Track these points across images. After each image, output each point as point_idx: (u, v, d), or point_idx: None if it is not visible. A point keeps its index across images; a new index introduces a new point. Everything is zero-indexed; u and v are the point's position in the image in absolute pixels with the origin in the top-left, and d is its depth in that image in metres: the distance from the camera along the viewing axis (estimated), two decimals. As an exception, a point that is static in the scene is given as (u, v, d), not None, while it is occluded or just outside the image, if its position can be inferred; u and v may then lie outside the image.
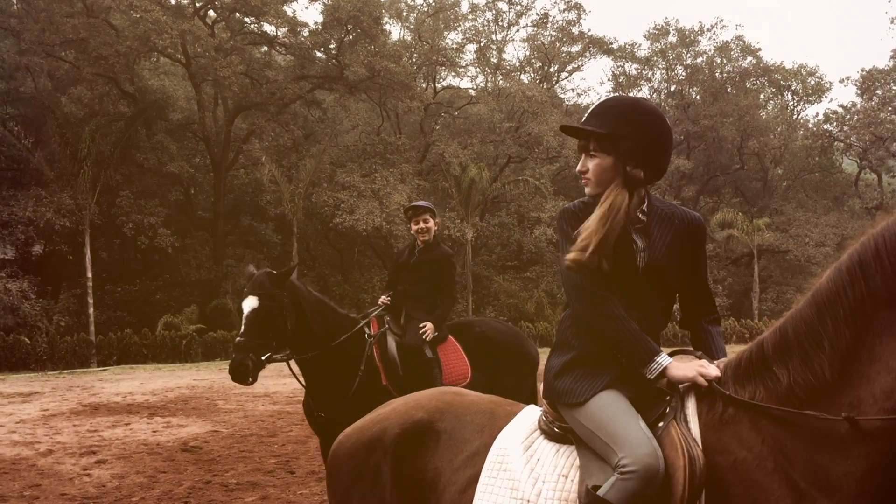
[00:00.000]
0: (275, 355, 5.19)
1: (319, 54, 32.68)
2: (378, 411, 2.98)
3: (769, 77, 42.08)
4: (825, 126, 40.96)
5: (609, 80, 44.40)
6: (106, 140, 27.08)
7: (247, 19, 31.70)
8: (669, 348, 2.49)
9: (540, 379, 3.08)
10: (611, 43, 40.99)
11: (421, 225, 5.81)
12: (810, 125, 43.20)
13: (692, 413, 2.31)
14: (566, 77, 43.99)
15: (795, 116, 44.07)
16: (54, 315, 25.89)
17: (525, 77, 41.28)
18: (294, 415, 11.64)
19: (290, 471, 7.92)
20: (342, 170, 31.35)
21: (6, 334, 23.44)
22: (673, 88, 42.51)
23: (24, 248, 29.17)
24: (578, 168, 2.55)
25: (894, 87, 39.52)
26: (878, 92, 39.95)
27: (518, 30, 44.18)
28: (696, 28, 41.62)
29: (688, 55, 41.71)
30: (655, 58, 42.41)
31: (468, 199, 31.34)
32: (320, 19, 32.60)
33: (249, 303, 5.08)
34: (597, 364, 2.44)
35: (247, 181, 34.21)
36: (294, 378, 5.61)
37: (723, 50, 41.12)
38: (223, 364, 21.38)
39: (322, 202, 30.04)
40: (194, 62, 29.27)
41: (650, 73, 43.17)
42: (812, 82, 42.07)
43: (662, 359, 2.35)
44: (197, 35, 27.92)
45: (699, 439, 2.23)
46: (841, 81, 60.11)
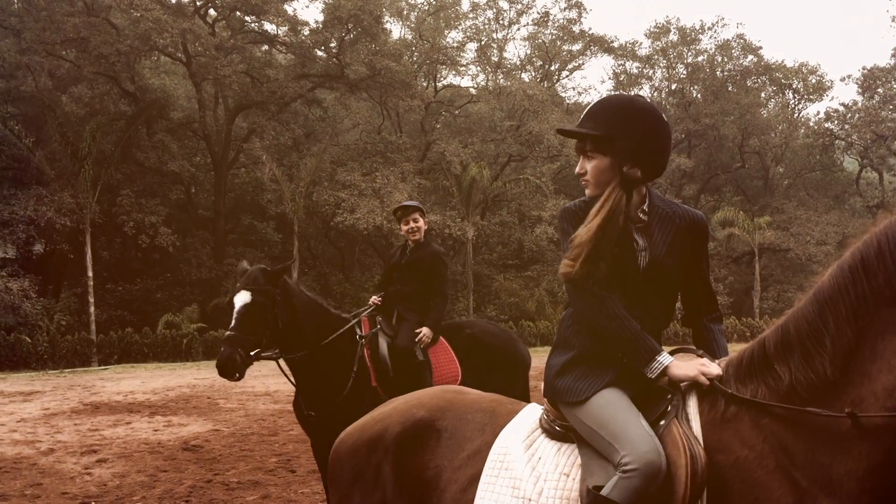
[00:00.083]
0: (263, 352, 5.13)
1: (320, 53, 32.66)
2: (379, 410, 2.98)
3: (770, 75, 42.01)
4: (826, 124, 40.91)
5: (610, 79, 44.46)
6: (107, 139, 27.05)
7: (247, 18, 31.70)
8: (671, 346, 2.49)
9: (539, 379, 3.07)
10: (612, 41, 40.97)
11: (411, 225, 5.79)
12: (811, 123, 43.17)
13: (693, 411, 2.30)
14: (567, 76, 44.02)
15: (796, 115, 44.02)
16: (55, 314, 25.87)
17: (526, 76, 41.27)
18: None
19: (292, 469, 7.92)
20: (343, 169, 31.35)
21: (7, 333, 23.45)
22: (674, 87, 42.47)
23: (25, 248, 29.16)
24: (577, 170, 2.55)
25: (895, 86, 39.48)
26: (880, 90, 39.91)
27: (519, 28, 44.21)
28: (697, 26, 41.56)
29: (689, 54, 41.65)
30: (656, 56, 42.36)
31: (469, 198, 31.32)
32: (321, 18, 32.60)
33: (241, 297, 5.02)
34: (598, 363, 2.43)
35: (247, 180, 34.21)
36: (286, 377, 5.58)
37: (724, 48, 41.05)
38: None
39: (323, 201, 30.04)
40: (195, 61, 29.27)
41: (651, 72, 43.14)
42: (813, 81, 42.00)
43: (663, 358, 2.35)
44: (197, 34, 27.92)
45: (701, 438, 2.23)
46: (842, 80, 60.07)
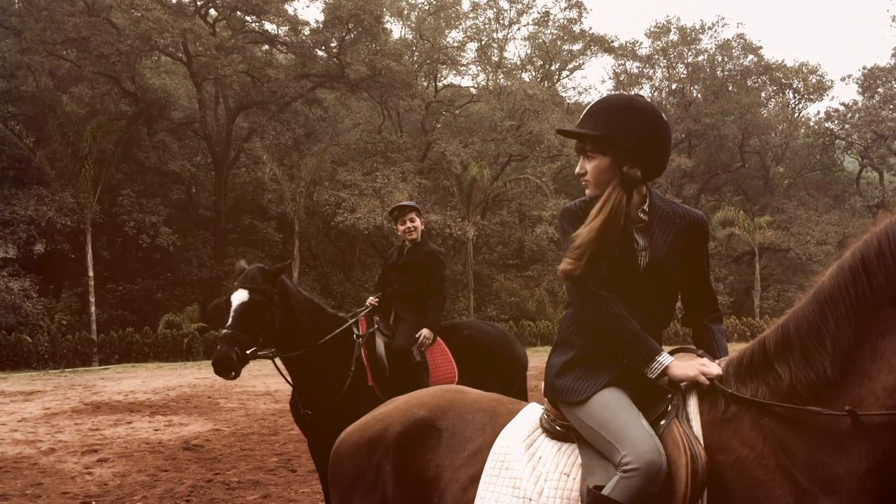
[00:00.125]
0: (260, 351, 5.11)
1: (320, 53, 32.67)
2: (380, 410, 2.99)
3: (770, 75, 42.00)
4: (826, 124, 40.90)
5: (610, 79, 44.44)
6: (107, 139, 27.05)
7: (248, 18, 31.70)
8: (671, 346, 2.49)
9: (540, 379, 3.08)
10: (612, 41, 40.98)
11: (408, 224, 5.77)
12: (812, 123, 43.15)
13: (694, 411, 2.30)
14: (567, 75, 44.02)
15: (797, 114, 44.01)
16: (56, 314, 25.88)
17: (526, 75, 41.28)
18: (295, 413, 11.63)
19: (292, 469, 7.92)
20: (343, 168, 31.35)
21: (8, 333, 23.45)
22: (674, 87, 42.47)
23: (26, 247, 29.17)
24: (577, 170, 2.55)
25: (895, 85, 39.47)
26: (880, 90, 39.89)
27: (519, 28, 44.28)
28: (698, 26, 41.57)
29: (689, 53, 41.64)
30: (656, 56, 42.36)
31: (469, 198, 31.32)
32: (321, 18, 32.61)
33: (239, 296, 5.01)
34: (598, 363, 2.43)
35: (248, 180, 34.22)
36: (283, 377, 5.56)
37: (724, 48, 41.05)
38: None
39: (323, 201, 30.04)
40: (195, 61, 29.27)
41: (651, 72, 43.14)
42: (813, 80, 41.99)
43: (663, 358, 2.35)
44: (198, 34, 27.92)
45: (701, 437, 2.23)
46: (842, 79, 60.20)
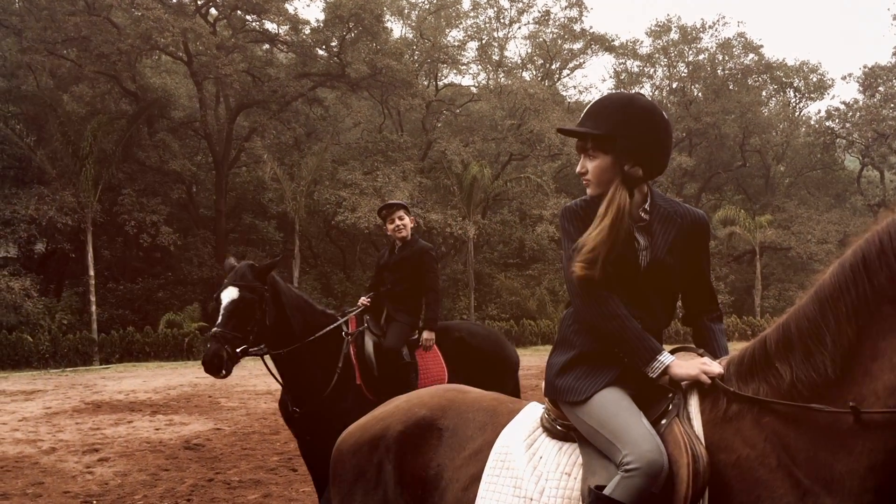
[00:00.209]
0: (251, 349, 5.05)
1: (321, 52, 32.65)
2: (380, 409, 2.99)
3: (771, 74, 41.98)
4: (827, 123, 40.88)
5: (611, 78, 44.40)
6: (108, 138, 27.04)
7: (248, 17, 31.69)
8: (671, 345, 2.49)
9: (540, 378, 3.07)
10: (612, 40, 40.97)
11: (396, 223, 5.73)
12: (812, 122, 43.14)
13: (695, 411, 2.30)
14: (568, 74, 44.02)
15: (798, 113, 44.01)
16: (57, 313, 25.89)
17: (527, 74, 41.28)
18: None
19: (293, 468, 7.92)
20: (344, 168, 31.36)
21: (9, 332, 23.47)
22: (675, 85, 42.45)
23: (27, 247, 29.21)
24: (578, 169, 2.54)
25: (896, 84, 39.48)
26: (881, 89, 39.86)
27: (520, 27, 44.25)
28: (698, 25, 41.54)
29: (690, 52, 41.62)
30: (657, 55, 42.34)
31: (470, 197, 31.32)
32: (322, 17, 32.63)
33: (229, 293, 4.94)
34: (598, 362, 2.43)
35: (249, 179, 34.21)
36: (272, 375, 5.50)
37: (725, 47, 41.03)
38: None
39: (324, 200, 30.04)
40: (196, 60, 29.27)
41: (652, 71, 43.13)
42: (814, 79, 41.99)
43: (664, 357, 2.34)
44: (198, 33, 27.91)
45: (702, 437, 2.22)
46: (843, 78, 60.34)
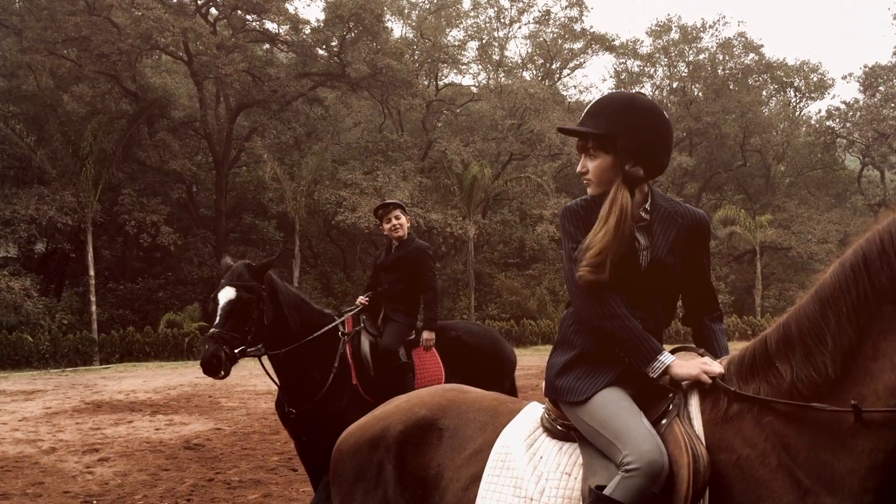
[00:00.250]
0: (249, 349, 5.00)
1: (321, 52, 32.66)
2: (381, 409, 2.98)
3: (772, 74, 41.98)
4: (828, 123, 40.89)
5: (611, 77, 44.42)
6: (108, 138, 27.06)
7: (248, 17, 31.71)
8: (672, 345, 2.48)
9: (541, 378, 3.07)
10: (613, 40, 41.00)
11: (393, 222, 5.71)
12: (813, 122, 43.15)
13: (695, 410, 2.29)
14: (568, 74, 44.03)
15: (798, 113, 44.01)
16: (57, 313, 25.91)
17: (527, 74, 41.30)
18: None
19: (293, 468, 7.91)
20: (344, 167, 31.36)
21: (9, 332, 23.48)
22: (675, 85, 42.45)
23: (27, 247, 29.24)
24: (579, 169, 2.54)
25: (897, 84, 39.47)
26: (881, 88, 39.87)
27: (520, 27, 44.22)
28: (699, 24, 41.58)
29: (690, 52, 41.62)
30: (657, 54, 42.34)
31: (470, 197, 31.32)
32: (322, 17, 32.62)
33: (226, 294, 4.89)
34: (599, 362, 2.43)
35: (249, 179, 34.22)
36: (269, 376, 5.43)
37: (725, 46, 41.03)
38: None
39: (324, 200, 30.04)
40: (196, 60, 29.28)
41: (652, 70, 43.13)
42: (814, 79, 41.99)
43: (665, 357, 2.34)
44: (199, 33, 27.93)
45: (703, 437, 2.22)
46: (843, 78, 60.30)
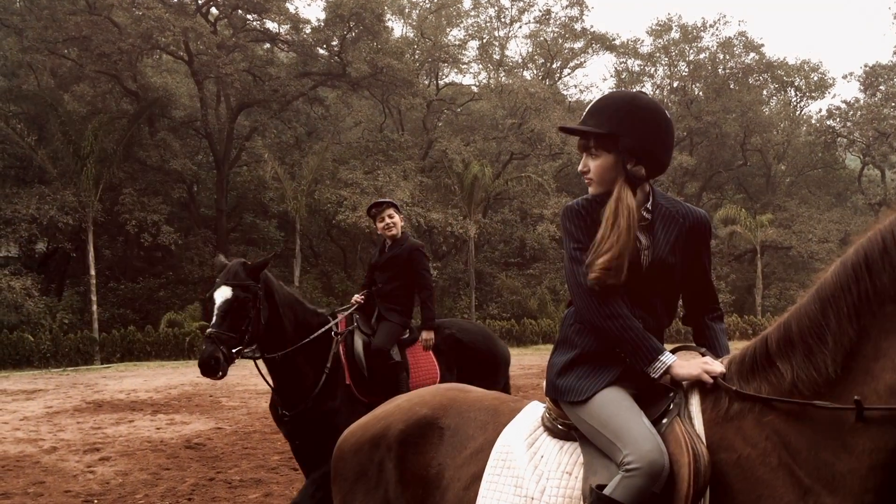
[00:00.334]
0: (245, 349, 4.91)
1: (322, 51, 32.68)
2: (382, 408, 2.99)
3: (772, 73, 41.97)
4: (828, 122, 40.88)
5: (612, 77, 44.44)
6: (109, 137, 27.06)
7: (249, 16, 31.72)
8: (672, 344, 2.48)
9: (542, 377, 3.07)
10: (613, 39, 40.99)
11: (386, 221, 5.71)
12: (813, 121, 43.14)
13: (696, 410, 2.29)
14: (569, 73, 44.03)
15: (798, 112, 44.00)
16: (58, 312, 25.92)
17: (528, 73, 41.28)
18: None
19: (294, 467, 7.90)
20: (345, 167, 31.37)
21: (10, 332, 23.51)
22: (675, 84, 42.43)
23: (28, 246, 29.23)
24: (580, 168, 2.53)
25: (897, 83, 39.45)
26: (882, 87, 39.86)
27: (521, 26, 44.18)
28: (699, 24, 41.60)
29: (690, 51, 41.63)
30: (658, 54, 42.33)
31: (471, 196, 31.33)
32: (323, 16, 32.64)
33: (222, 293, 4.81)
34: (600, 362, 2.42)
35: (249, 178, 34.23)
36: (263, 378, 5.34)
37: (725, 46, 41.02)
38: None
39: (325, 199, 30.05)
40: (197, 59, 29.29)
41: (653, 70, 43.13)
42: (815, 78, 41.97)
43: (666, 357, 2.33)
44: (199, 32, 27.94)
45: (703, 436, 2.22)
46: (844, 77, 60.12)
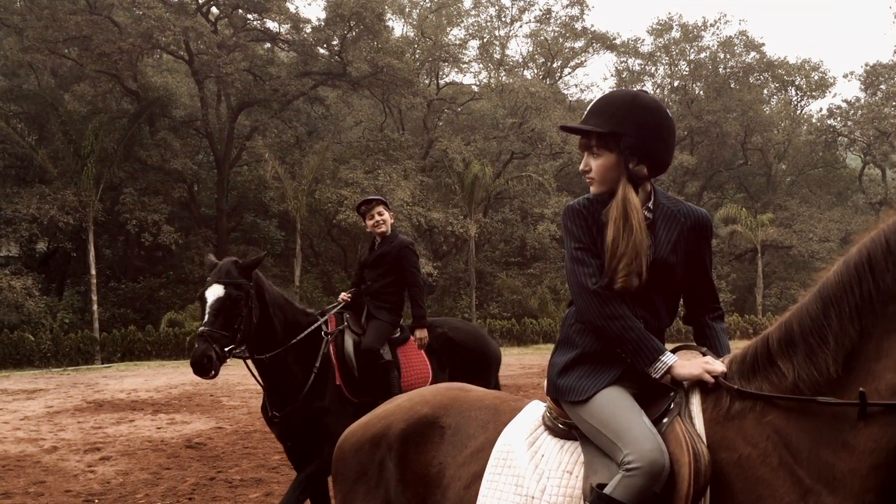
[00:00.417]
0: (236, 349, 4.88)
1: (322, 51, 32.68)
2: (382, 407, 2.99)
3: (773, 72, 41.95)
4: (829, 121, 40.87)
5: (612, 76, 44.44)
6: (109, 137, 27.07)
7: (249, 16, 31.72)
8: (673, 344, 2.48)
9: (543, 377, 3.07)
10: (614, 38, 40.99)
11: (376, 218, 5.69)
12: (814, 120, 43.12)
13: (697, 409, 2.28)
14: (569, 73, 44.02)
15: (799, 112, 43.98)
16: (58, 312, 25.93)
17: (528, 73, 41.27)
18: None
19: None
20: (345, 166, 31.36)
21: (10, 331, 23.51)
22: (676, 84, 42.42)
23: (28, 246, 29.25)
24: (582, 167, 2.52)
25: (898, 82, 39.44)
26: (882, 87, 39.85)
27: (521, 25, 44.21)
28: (700, 23, 41.63)
29: (691, 50, 41.62)
30: (658, 53, 42.33)
31: (471, 196, 31.33)
32: (323, 16, 32.63)
33: (214, 291, 4.78)
34: (601, 362, 2.42)
35: (250, 178, 34.24)
36: (254, 377, 5.31)
37: (726, 45, 41.01)
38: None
39: (325, 199, 30.04)
40: (197, 59, 29.29)
41: (653, 69, 43.14)
42: (816, 77, 41.94)
43: (667, 357, 2.33)
44: (200, 32, 27.94)
45: (704, 435, 2.21)
46: (845, 76, 60.21)
